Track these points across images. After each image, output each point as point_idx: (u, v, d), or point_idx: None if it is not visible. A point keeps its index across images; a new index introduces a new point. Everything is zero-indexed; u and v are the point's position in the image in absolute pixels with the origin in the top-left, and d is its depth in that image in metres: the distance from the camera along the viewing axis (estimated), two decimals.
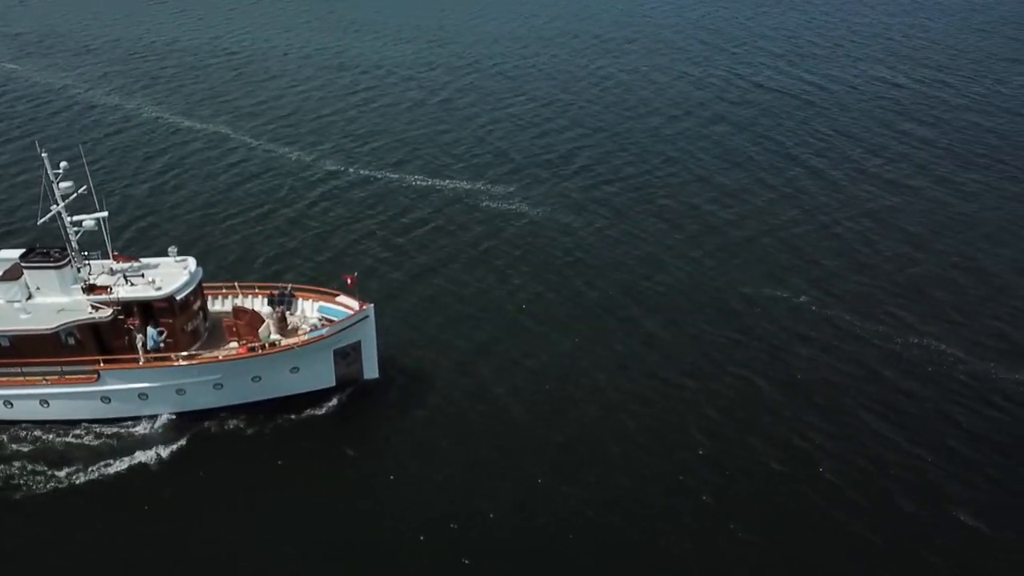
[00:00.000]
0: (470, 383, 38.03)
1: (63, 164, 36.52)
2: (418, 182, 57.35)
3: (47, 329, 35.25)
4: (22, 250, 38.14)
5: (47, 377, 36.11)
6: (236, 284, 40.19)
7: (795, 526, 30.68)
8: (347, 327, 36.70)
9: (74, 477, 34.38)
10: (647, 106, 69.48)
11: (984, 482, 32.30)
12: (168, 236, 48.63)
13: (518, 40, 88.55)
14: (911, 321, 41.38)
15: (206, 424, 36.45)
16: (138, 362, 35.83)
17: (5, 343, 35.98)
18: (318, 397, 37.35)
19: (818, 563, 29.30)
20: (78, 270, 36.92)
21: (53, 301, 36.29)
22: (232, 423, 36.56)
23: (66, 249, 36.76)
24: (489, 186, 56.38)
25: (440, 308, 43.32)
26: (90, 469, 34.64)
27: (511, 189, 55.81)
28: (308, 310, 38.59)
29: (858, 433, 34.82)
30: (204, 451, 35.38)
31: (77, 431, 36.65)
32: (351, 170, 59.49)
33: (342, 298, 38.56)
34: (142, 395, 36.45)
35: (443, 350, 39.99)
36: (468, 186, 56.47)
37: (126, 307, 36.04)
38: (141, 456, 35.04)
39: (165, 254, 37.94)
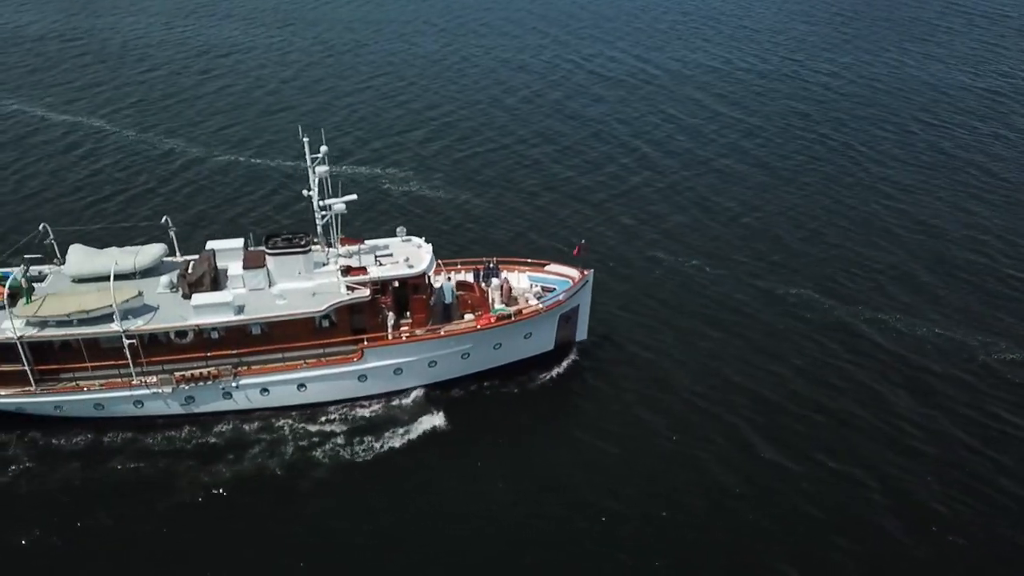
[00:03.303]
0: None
1: (323, 149, 37.13)
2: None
3: (315, 312, 36.00)
4: (241, 239, 39.17)
5: (305, 360, 36.87)
6: (439, 262, 41.21)
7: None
8: (577, 291, 39.71)
9: (342, 454, 35.75)
10: (505, 88, 73.30)
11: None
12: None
13: (371, 25, 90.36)
14: (747, 263, 48.71)
15: (453, 393, 38.89)
16: (387, 338, 37.32)
17: (256, 331, 36.39)
18: (540, 360, 40.42)
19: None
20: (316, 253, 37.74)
21: (301, 286, 37.07)
22: (474, 390, 39.06)
23: (308, 234, 37.94)
24: (388, 170, 59.12)
25: None
26: (357, 446, 36.15)
27: (407, 173, 58.84)
28: (515, 281, 41.04)
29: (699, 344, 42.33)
30: (460, 419, 37.60)
31: (331, 412, 37.84)
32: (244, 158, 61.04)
33: (551, 267, 41.61)
34: (397, 370, 37.90)
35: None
36: (367, 171, 59.27)
37: (382, 286, 37.40)
38: (401, 429, 36.84)
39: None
